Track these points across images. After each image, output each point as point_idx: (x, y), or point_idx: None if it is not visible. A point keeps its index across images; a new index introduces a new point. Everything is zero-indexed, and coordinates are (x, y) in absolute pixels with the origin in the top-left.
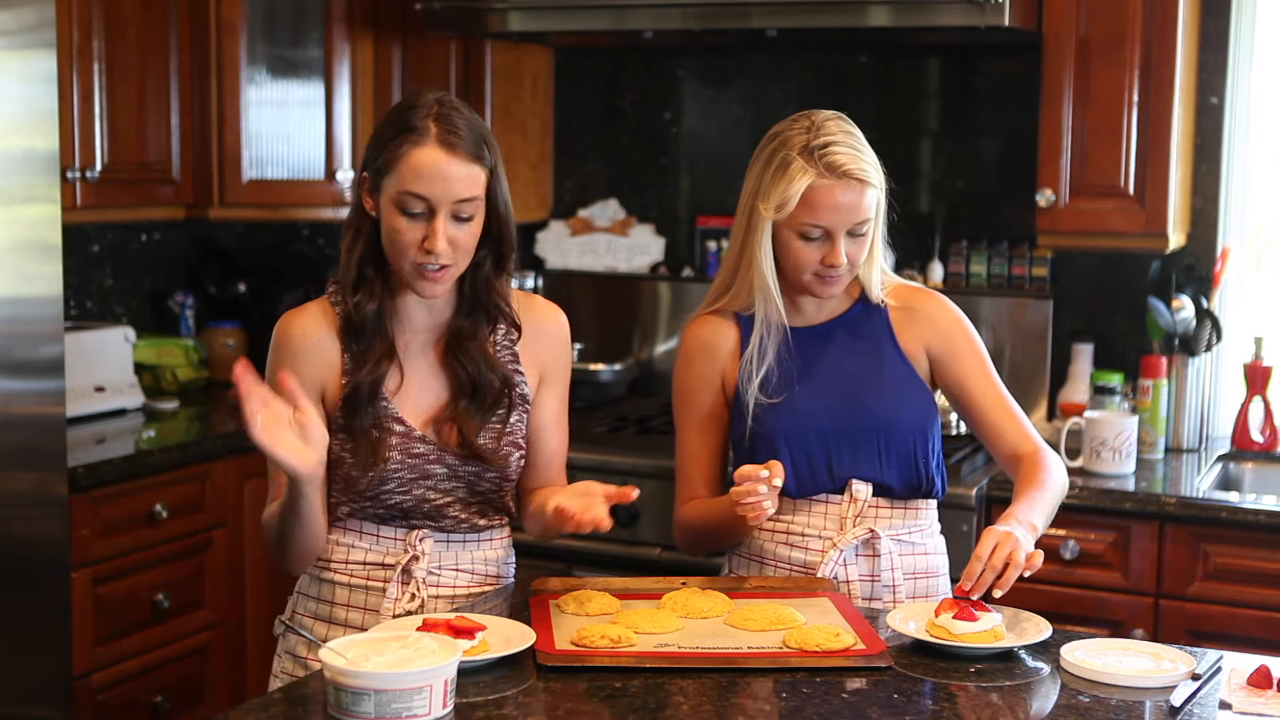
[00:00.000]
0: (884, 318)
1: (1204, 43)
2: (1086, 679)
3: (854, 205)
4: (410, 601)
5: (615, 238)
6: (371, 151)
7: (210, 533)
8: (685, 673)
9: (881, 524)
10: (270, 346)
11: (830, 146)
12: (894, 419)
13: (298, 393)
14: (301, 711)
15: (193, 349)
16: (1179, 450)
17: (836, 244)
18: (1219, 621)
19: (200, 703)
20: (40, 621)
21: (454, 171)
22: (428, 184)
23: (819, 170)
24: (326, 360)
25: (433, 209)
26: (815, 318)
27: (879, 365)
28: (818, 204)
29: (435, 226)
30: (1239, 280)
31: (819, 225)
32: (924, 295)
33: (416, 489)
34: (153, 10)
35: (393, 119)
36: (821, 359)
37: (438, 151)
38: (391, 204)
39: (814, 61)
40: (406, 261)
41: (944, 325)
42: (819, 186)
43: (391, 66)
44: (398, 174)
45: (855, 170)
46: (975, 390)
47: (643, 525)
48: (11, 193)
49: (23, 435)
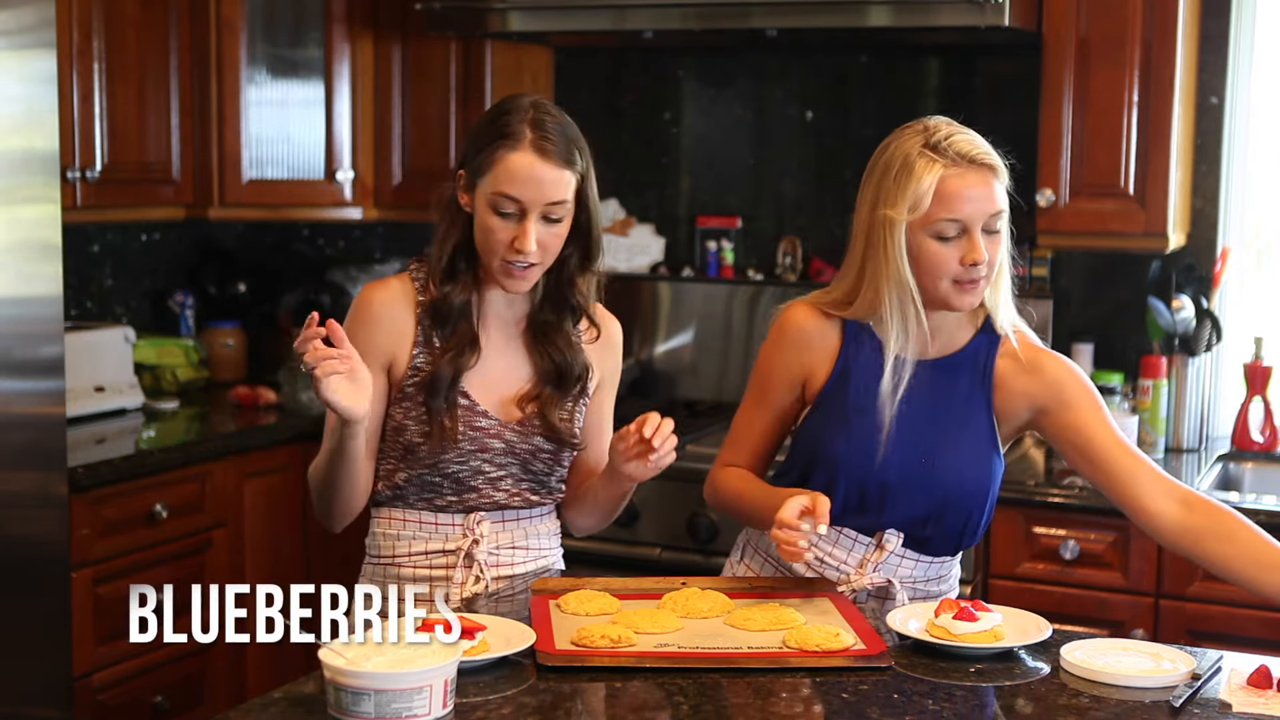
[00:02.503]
0: (990, 360)
1: (1204, 43)
2: (1086, 679)
3: (988, 194)
4: (476, 584)
5: (615, 238)
6: (469, 151)
7: (210, 533)
8: (685, 673)
9: (904, 572)
10: (349, 313)
11: (953, 137)
12: (962, 486)
13: (343, 338)
14: (302, 711)
15: (193, 349)
16: (1179, 450)
17: (974, 238)
18: (1219, 621)
19: (200, 703)
20: (40, 621)
21: (546, 176)
22: (520, 187)
23: (948, 159)
24: (400, 332)
25: (524, 210)
26: (929, 348)
27: (963, 421)
28: (951, 194)
29: (526, 227)
30: (1239, 280)
31: (955, 219)
32: (1046, 354)
33: (474, 460)
34: (153, 10)
35: (490, 122)
36: (913, 400)
37: (532, 156)
38: (486, 203)
39: (814, 61)
40: (496, 258)
41: (1060, 376)
42: (950, 176)
43: (391, 66)
44: (493, 176)
45: (984, 155)
46: (1098, 439)
47: (643, 525)
48: (11, 193)
49: (23, 435)
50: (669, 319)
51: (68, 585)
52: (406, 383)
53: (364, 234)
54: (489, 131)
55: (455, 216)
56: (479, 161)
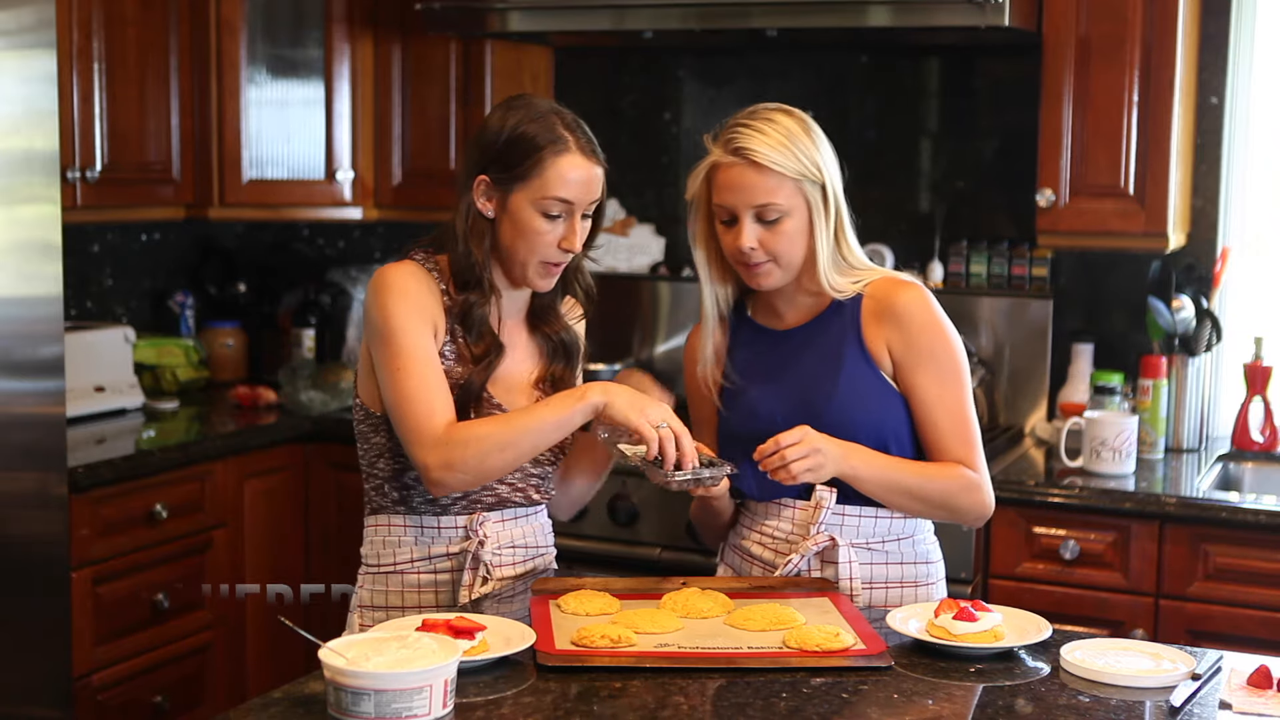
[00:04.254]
0: (855, 313)
1: (1204, 43)
2: (1086, 679)
3: (753, 186)
4: (483, 585)
5: (615, 238)
6: (497, 160)
7: (210, 533)
8: (685, 673)
9: (848, 532)
10: (382, 291)
11: (737, 129)
12: (849, 423)
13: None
14: (302, 711)
15: (193, 349)
16: (1179, 450)
17: (742, 227)
18: (1219, 621)
19: (200, 703)
20: (40, 621)
21: (595, 175)
22: (575, 189)
23: (720, 150)
24: (437, 310)
25: (572, 211)
26: (787, 318)
27: (837, 367)
28: (718, 183)
29: (574, 226)
30: (1239, 280)
31: (723, 205)
32: (898, 289)
33: None
34: (153, 10)
35: (519, 129)
36: (786, 362)
37: (581, 159)
38: (531, 207)
39: (814, 61)
40: (537, 258)
41: (910, 325)
42: (720, 165)
43: (391, 66)
44: (541, 180)
45: (748, 151)
46: (925, 400)
47: (643, 525)
48: (11, 193)
49: (23, 435)
50: (669, 319)
51: (68, 585)
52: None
53: (364, 234)
54: (524, 139)
55: (478, 224)
56: (520, 169)
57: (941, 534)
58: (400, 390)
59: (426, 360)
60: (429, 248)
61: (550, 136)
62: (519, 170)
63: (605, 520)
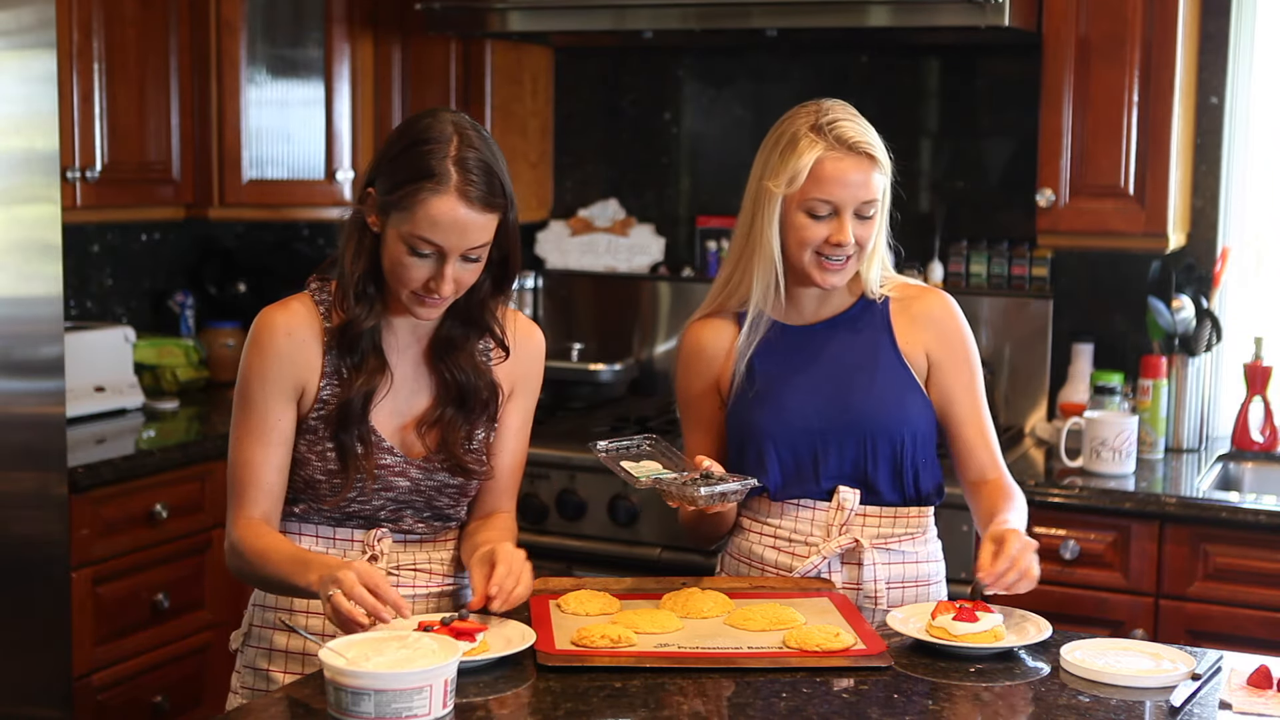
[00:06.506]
0: (884, 315)
1: (1204, 43)
2: (1086, 679)
3: (862, 181)
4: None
5: (615, 238)
6: (383, 177)
7: (210, 533)
8: (685, 673)
9: (869, 533)
10: (249, 341)
11: (839, 122)
12: (884, 420)
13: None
14: (302, 711)
15: (193, 349)
16: (1179, 450)
17: (844, 221)
18: (1219, 621)
19: (200, 703)
20: (40, 621)
21: (471, 222)
22: (443, 234)
23: (828, 143)
24: (308, 363)
25: (443, 255)
26: (814, 315)
27: (873, 364)
28: (826, 177)
29: (444, 272)
30: (1239, 280)
31: (827, 200)
32: (930, 295)
33: (377, 499)
34: (153, 10)
35: (407, 150)
36: (817, 357)
37: (456, 203)
38: (401, 241)
39: (814, 61)
40: (406, 290)
41: (947, 332)
42: (828, 158)
43: (391, 66)
44: (412, 218)
45: (863, 144)
46: (960, 406)
47: (643, 525)
48: (11, 193)
49: (23, 435)
50: (669, 319)
51: (68, 585)
52: (312, 415)
53: None
54: (408, 163)
55: (364, 238)
56: (395, 196)
57: (941, 534)
58: (232, 456)
59: (262, 436)
60: (329, 271)
61: (431, 171)
62: (394, 196)
63: (605, 520)
